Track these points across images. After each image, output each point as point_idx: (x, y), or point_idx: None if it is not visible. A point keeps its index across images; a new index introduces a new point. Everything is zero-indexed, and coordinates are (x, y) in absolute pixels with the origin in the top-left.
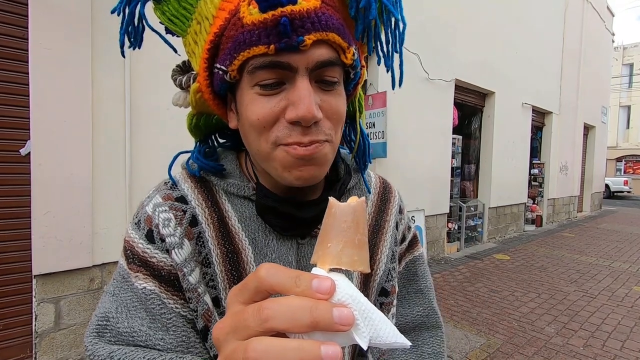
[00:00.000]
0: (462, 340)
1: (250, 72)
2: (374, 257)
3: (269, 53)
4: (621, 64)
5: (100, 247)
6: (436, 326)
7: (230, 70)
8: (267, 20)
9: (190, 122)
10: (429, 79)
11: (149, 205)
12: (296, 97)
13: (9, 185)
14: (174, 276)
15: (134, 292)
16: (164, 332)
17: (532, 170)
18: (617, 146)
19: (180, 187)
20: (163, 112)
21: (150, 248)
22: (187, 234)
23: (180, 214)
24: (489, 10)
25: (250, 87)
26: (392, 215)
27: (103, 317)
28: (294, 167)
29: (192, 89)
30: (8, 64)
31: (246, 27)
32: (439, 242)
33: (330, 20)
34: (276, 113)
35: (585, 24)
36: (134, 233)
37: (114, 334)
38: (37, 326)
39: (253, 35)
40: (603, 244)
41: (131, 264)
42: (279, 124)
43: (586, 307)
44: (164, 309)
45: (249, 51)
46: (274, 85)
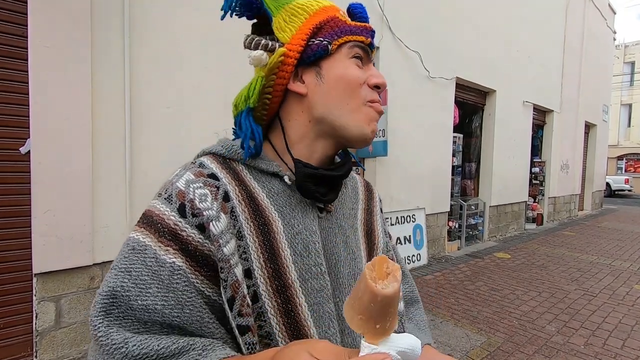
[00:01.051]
0: (463, 338)
1: (350, 47)
2: (372, 233)
3: (365, 42)
4: (622, 62)
5: (101, 245)
6: (418, 300)
7: (334, 43)
8: (366, 26)
9: (256, 85)
10: (430, 77)
11: (180, 181)
12: (375, 72)
13: (9, 183)
14: (200, 253)
15: (149, 266)
16: (179, 310)
17: (533, 168)
18: (618, 144)
19: (207, 165)
20: (163, 111)
21: (182, 222)
22: (222, 208)
23: (214, 189)
24: (490, 8)
25: (347, 58)
26: (376, 201)
27: (109, 294)
28: (372, 121)
29: (279, 51)
30: (8, 62)
31: (350, 25)
32: (440, 240)
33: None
34: (364, 78)
35: (586, 22)
36: (164, 207)
37: (123, 309)
38: (37, 325)
39: (357, 29)
40: (604, 243)
41: (162, 237)
42: (364, 87)
43: (587, 305)
44: (187, 287)
45: (353, 37)
46: (362, 59)
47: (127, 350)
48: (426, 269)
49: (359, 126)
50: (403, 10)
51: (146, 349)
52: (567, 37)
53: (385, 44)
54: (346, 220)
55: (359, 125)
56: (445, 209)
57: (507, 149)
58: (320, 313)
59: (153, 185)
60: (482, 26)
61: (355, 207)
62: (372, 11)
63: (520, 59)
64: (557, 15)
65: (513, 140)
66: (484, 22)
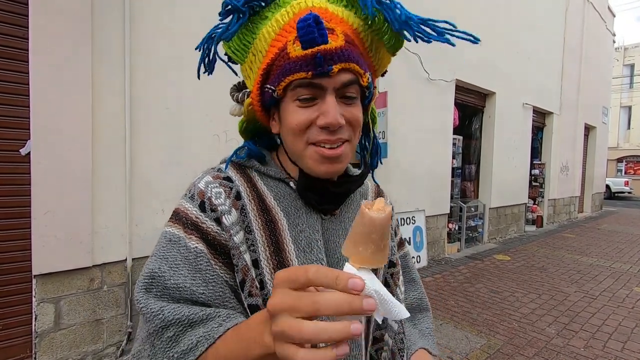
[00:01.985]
0: (463, 341)
1: (292, 89)
2: None
3: (307, 77)
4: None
5: (100, 246)
6: (427, 309)
7: (278, 89)
8: (307, 55)
9: (241, 127)
10: (430, 79)
11: (201, 182)
12: (325, 109)
13: (9, 185)
14: (217, 242)
15: (179, 252)
16: (204, 287)
17: (532, 170)
18: (618, 147)
19: (226, 171)
20: (163, 112)
21: (202, 215)
22: (234, 205)
23: (228, 189)
24: (490, 11)
25: (292, 101)
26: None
27: (149, 275)
28: (322, 163)
29: (246, 102)
30: (8, 63)
31: (292, 60)
32: (440, 242)
33: (351, 54)
34: (310, 120)
35: (586, 24)
36: (188, 204)
37: (160, 288)
38: (37, 326)
39: (296, 65)
40: (604, 245)
41: (186, 228)
42: (311, 128)
43: (587, 308)
44: (209, 267)
45: (292, 76)
46: (309, 100)
47: (164, 316)
48: (426, 271)
49: (309, 167)
50: None
51: (179, 314)
52: (567, 39)
53: None
54: (351, 223)
55: (309, 167)
56: (445, 211)
57: (507, 151)
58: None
59: (153, 186)
60: (482, 28)
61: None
62: None
63: (520, 61)
64: (557, 17)
65: (513, 142)
66: (484, 24)
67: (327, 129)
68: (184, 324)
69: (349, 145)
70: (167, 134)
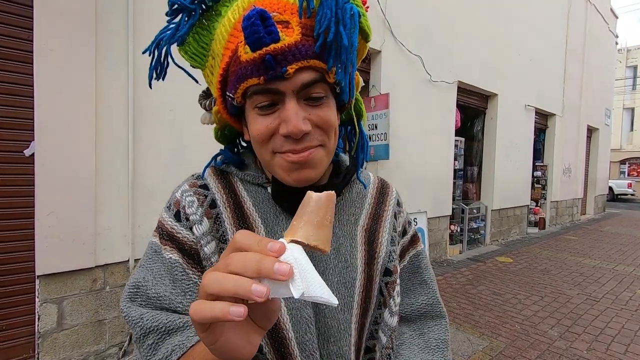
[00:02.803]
0: (465, 343)
1: (249, 97)
2: (375, 241)
3: (260, 83)
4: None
5: (103, 247)
6: (440, 315)
7: (236, 97)
8: (256, 58)
9: (216, 134)
10: (432, 81)
11: (178, 192)
12: (285, 116)
13: (13, 185)
14: (194, 251)
15: (162, 263)
16: (182, 297)
17: (535, 172)
18: (621, 148)
19: (205, 178)
20: (166, 113)
21: (177, 225)
22: (207, 214)
23: (202, 197)
24: (492, 12)
25: (252, 109)
26: (390, 206)
27: (134, 285)
28: (291, 171)
29: (214, 110)
30: (13, 65)
31: (242, 64)
32: (441, 244)
33: (310, 49)
34: (271, 129)
35: (588, 26)
36: (165, 214)
37: (143, 298)
38: (39, 326)
39: (247, 70)
40: (607, 247)
41: (162, 238)
42: (275, 137)
43: (590, 310)
44: (185, 277)
45: (246, 82)
46: (268, 106)
47: (143, 324)
48: None
49: (280, 177)
50: (405, 14)
51: (157, 322)
52: (569, 41)
53: (387, 48)
54: (342, 227)
55: (280, 176)
56: (447, 213)
57: (509, 152)
58: (297, 317)
59: (155, 187)
60: (484, 30)
61: (358, 213)
62: (374, 15)
63: (522, 62)
64: (559, 19)
65: (515, 143)
66: (486, 26)
67: (290, 137)
68: (162, 332)
69: (322, 150)
70: (169, 136)
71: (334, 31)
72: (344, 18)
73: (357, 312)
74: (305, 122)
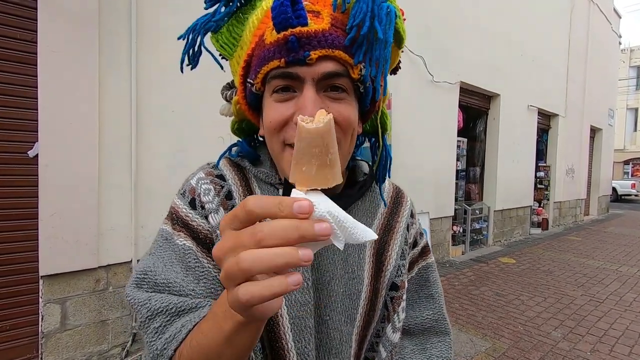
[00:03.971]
0: (467, 344)
1: (268, 82)
2: (384, 253)
3: (280, 66)
4: (628, 66)
5: (106, 248)
6: (445, 332)
7: (255, 83)
8: (279, 39)
9: (233, 126)
10: (434, 82)
11: (193, 179)
12: (302, 103)
13: (17, 186)
14: (209, 240)
15: (173, 250)
16: (195, 284)
17: (537, 173)
18: (625, 149)
19: (221, 168)
20: (169, 114)
21: (192, 213)
22: (223, 204)
23: (219, 187)
24: (494, 12)
25: (269, 95)
26: (404, 217)
27: (142, 272)
28: None
29: (233, 101)
30: (18, 67)
31: (266, 46)
32: (444, 245)
33: (337, 39)
34: (286, 117)
35: (591, 26)
36: (179, 201)
37: (150, 285)
38: (43, 327)
39: (270, 52)
40: (610, 248)
41: (175, 225)
42: (288, 126)
43: (593, 311)
44: (198, 264)
45: (267, 65)
46: (285, 90)
47: (150, 305)
48: None
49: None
50: (407, 15)
51: (166, 302)
52: (572, 41)
53: None
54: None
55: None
56: (449, 213)
57: (512, 153)
58: (301, 327)
59: (158, 188)
60: (486, 30)
61: (369, 223)
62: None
63: (525, 63)
64: (562, 19)
65: (517, 144)
66: (488, 26)
67: None
68: (172, 313)
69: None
70: (172, 137)
71: (369, 25)
72: (379, 14)
73: (360, 324)
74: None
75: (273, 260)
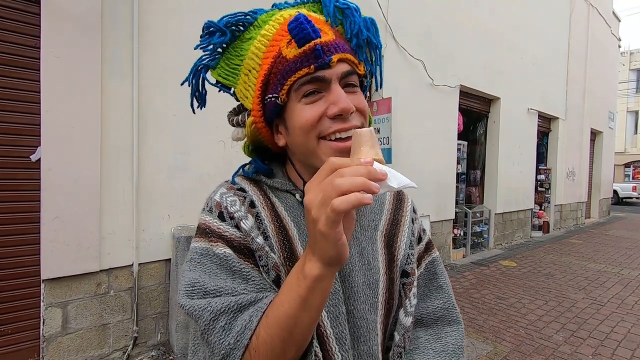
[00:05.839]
0: (469, 347)
1: (296, 90)
2: (394, 245)
3: (309, 72)
4: (628, 69)
5: (107, 252)
6: (456, 321)
7: (281, 95)
8: (305, 51)
9: (246, 149)
10: (434, 85)
11: (216, 195)
12: (335, 98)
13: (20, 190)
14: (243, 246)
15: (213, 261)
16: (245, 284)
17: (538, 176)
18: (625, 152)
19: (239, 183)
20: (170, 119)
21: (223, 225)
22: (249, 212)
23: (242, 198)
24: (494, 16)
25: (297, 101)
26: (407, 211)
27: (189, 284)
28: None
29: (248, 122)
30: (21, 72)
31: (290, 60)
32: (445, 248)
33: (344, 46)
34: (320, 113)
35: (591, 29)
36: (208, 217)
37: (201, 294)
38: (44, 330)
39: (296, 63)
40: (612, 251)
41: (210, 237)
42: (322, 120)
43: (595, 314)
44: (242, 265)
45: (294, 76)
46: (315, 93)
47: (212, 307)
48: None
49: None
50: (406, 19)
51: (227, 302)
52: (572, 45)
53: (389, 52)
54: (363, 232)
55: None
56: (450, 217)
57: (512, 156)
58: (335, 314)
59: (159, 192)
60: (486, 34)
61: (377, 219)
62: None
63: (525, 66)
64: (561, 22)
65: (518, 147)
66: (488, 29)
67: (339, 116)
68: (234, 310)
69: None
70: (173, 141)
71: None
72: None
73: (382, 312)
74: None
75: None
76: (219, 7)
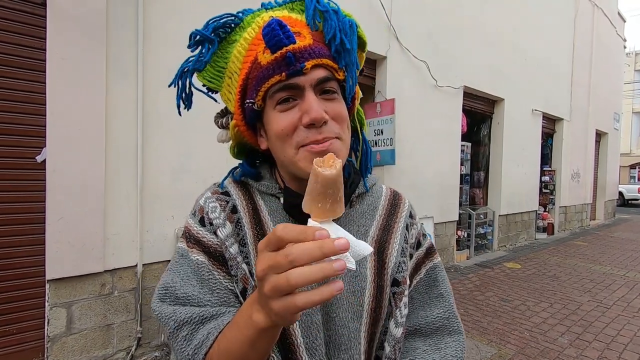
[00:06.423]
0: (473, 350)
1: (270, 96)
2: (385, 251)
3: (281, 80)
4: (633, 69)
5: (112, 252)
6: (457, 332)
7: (257, 100)
8: (277, 58)
9: (233, 152)
10: (437, 86)
11: (202, 199)
12: (307, 106)
13: (25, 191)
14: (219, 253)
15: (189, 265)
16: (210, 295)
17: (542, 177)
18: (631, 153)
19: (226, 186)
20: (174, 119)
21: (202, 230)
22: (229, 218)
23: (224, 203)
24: (498, 17)
25: (272, 108)
26: (402, 217)
27: (163, 287)
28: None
29: (231, 125)
30: (27, 73)
31: (264, 67)
32: (449, 250)
33: (322, 50)
34: (294, 122)
35: (595, 30)
36: (191, 220)
37: (172, 298)
38: (49, 330)
39: (269, 70)
40: (617, 253)
41: (189, 242)
42: (297, 130)
43: (601, 317)
44: (211, 276)
45: (267, 82)
46: (288, 100)
47: (176, 317)
48: None
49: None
50: (410, 20)
51: (190, 313)
52: (576, 45)
53: (393, 54)
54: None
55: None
56: (453, 218)
57: (516, 157)
58: (308, 323)
59: (163, 193)
60: (489, 35)
61: (368, 224)
62: (379, 21)
63: (529, 67)
64: (566, 23)
65: (522, 148)
66: (492, 30)
67: (312, 126)
68: (196, 322)
69: (339, 142)
70: (177, 142)
71: (339, 37)
72: (344, 28)
73: (367, 320)
74: (324, 112)
75: (316, 274)
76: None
